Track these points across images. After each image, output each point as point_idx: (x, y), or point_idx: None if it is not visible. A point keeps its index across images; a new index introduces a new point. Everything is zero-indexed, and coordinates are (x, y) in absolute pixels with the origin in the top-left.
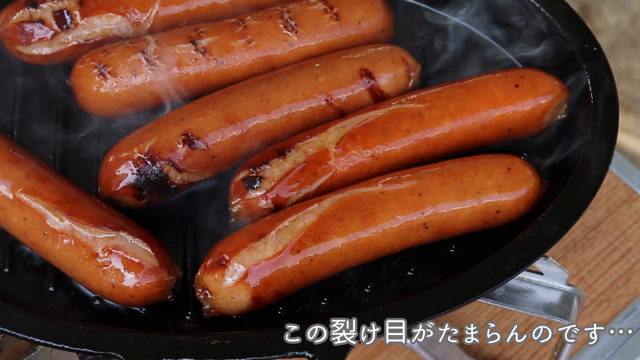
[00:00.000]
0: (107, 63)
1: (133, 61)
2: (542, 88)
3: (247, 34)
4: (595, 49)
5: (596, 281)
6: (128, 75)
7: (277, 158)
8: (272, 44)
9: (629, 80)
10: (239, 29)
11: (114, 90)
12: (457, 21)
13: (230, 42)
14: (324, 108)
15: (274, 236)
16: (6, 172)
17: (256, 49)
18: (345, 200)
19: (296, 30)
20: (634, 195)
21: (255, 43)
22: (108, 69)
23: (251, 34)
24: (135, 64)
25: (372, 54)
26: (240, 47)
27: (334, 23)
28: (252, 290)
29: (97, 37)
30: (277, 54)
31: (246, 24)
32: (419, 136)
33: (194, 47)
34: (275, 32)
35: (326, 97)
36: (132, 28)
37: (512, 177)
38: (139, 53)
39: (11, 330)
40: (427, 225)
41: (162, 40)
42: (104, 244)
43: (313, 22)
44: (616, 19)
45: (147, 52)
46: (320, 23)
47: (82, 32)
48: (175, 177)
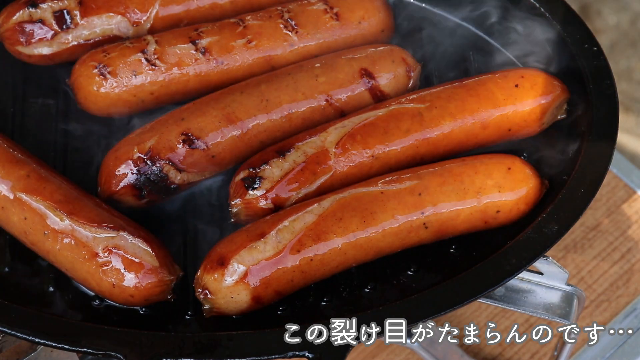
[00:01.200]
0: (107, 63)
1: (133, 61)
2: (542, 88)
3: (247, 33)
4: (595, 49)
5: (596, 281)
6: (128, 75)
7: (277, 158)
8: (272, 44)
9: (629, 80)
10: (239, 29)
11: (114, 91)
12: (457, 21)
13: (230, 42)
14: (324, 108)
15: (274, 236)
16: (6, 172)
17: (256, 49)
18: (345, 200)
19: (296, 30)
20: (634, 195)
21: (256, 43)
22: (108, 69)
23: (251, 33)
24: (135, 64)
25: (372, 54)
26: (241, 47)
27: (334, 23)
28: (252, 290)
29: (97, 37)
30: (277, 54)
31: (246, 24)
32: (419, 136)
33: (194, 47)
34: (275, 32)
35: (326, 97)
36: (132, 28)
37: (512, 177)
38: (139, 53)
39: (11, 330)
40: (427, 225)
41: (162, 40)
42: (104, 243)
43: (313, 22)
44: (616, 19)
45: (147, 52)
46: (320, 23)
47: (82, 32)
48: (175, 177)
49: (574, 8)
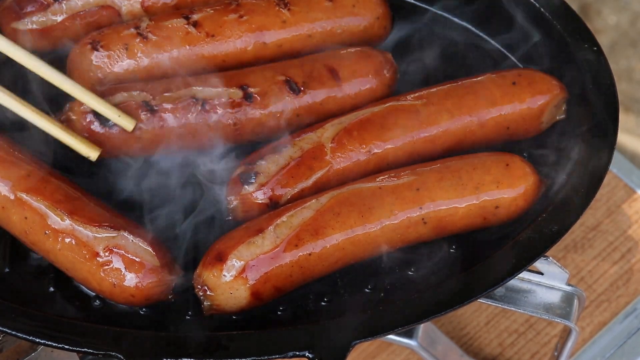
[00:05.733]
0: (101, 39)
1: (125, 35)
2: (540, 87)
3: (240, 10)
4: (595, 49)
5: (596, 281)
6: (121, 49)
7: (273, 154)
8: (264, 19)
9: (629, 80)
10: (232, 6)
11: (108, 67)
12: (457, 21)
13: (223, 17)
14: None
15: (272, 231)
16: (6, 172)
17: (247, 24)
18: (343, 196)
19: (289, 8)
20: (634, 195)
21: (247, 18)
22: (101, 43)
23: (244, 10)
24: (128, 38)
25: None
26: (232, 22)
27: (328, 4)
28: (250, 286)
29: (90, 7)
30: (269, 31)
31: (240, 1)
32: (416, 132)
33: (185, 22)
34: (268, 9)
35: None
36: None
37: (510, 174)
38: (132, 28)
39: (11, 330)
40: (426, 220)
41: (156, 19)
42: (105, 243)
43: (306, 1)
44: (616, 19)
45: (140, 27)
46: (313, 2)
47: (76, 3)
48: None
49: (574, 8)
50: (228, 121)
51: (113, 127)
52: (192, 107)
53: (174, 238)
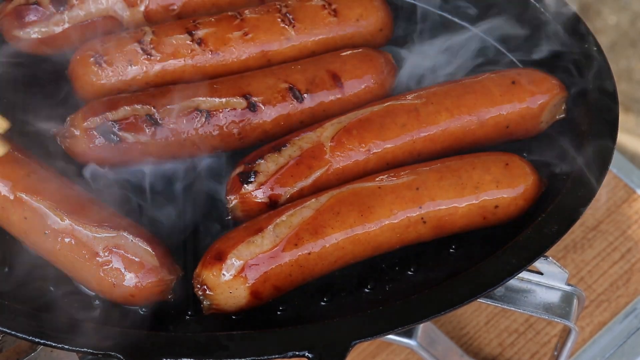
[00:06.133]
0: (104, 52)
1: (129, 50)
2: (539, 86)
3: (244, 26)
4: (595, 49)
5: (596, 281)
6: (124, 64)
7: (273, 153)
8: (269, 37)
9: (629, 80)
10: (236, 22)
11: (110, 80)
12: (456, 21)
13: (227, 34)
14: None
15: (271, 230)
16: (6, 172)
17: (252, 42)
18: (343, 195)
19: (293, 25)
20: (634, 195)
21: (252, 36)
22: (104, 57)
23: (248, 26)
24: (131, 53)
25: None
26: (237, 39)
27: (332, 19)
28: (250, 285)
29: (93, 17)
30: (274, 48)
31: (244, 17)
32: (415, 131)
33: (190, 38)
34: (272, 25)
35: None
36: (128, 9)
37: (510, 173)
38: (135, 43)
39: (11, 330)
40: (426, 220)
41: (159, 31)
42: (105, 243)
43: (311, 17)
44: (616, 19)
45: (143, 42)
46: (318, 18)
47: (78, 13)
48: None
49: (574, 8)
50: (232, 131)
51: (118, 143)
52: (196, 119)
53: (173, 238)
